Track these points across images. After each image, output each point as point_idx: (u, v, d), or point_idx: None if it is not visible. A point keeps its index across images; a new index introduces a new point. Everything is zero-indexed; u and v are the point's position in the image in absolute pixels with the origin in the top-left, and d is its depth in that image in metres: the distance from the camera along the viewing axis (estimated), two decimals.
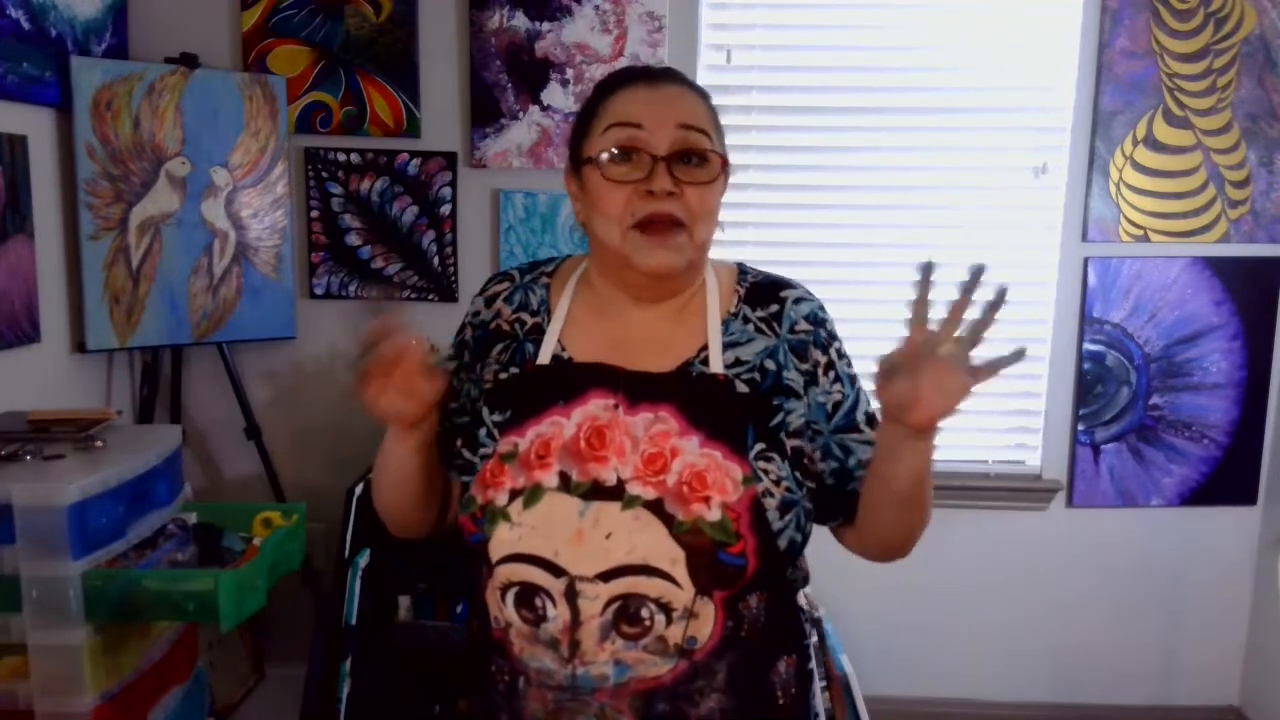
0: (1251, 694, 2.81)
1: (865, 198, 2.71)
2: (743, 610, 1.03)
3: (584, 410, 1.05)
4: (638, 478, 1.01)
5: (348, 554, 2.29)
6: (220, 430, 2.77)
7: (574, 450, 1.03)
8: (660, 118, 1.05)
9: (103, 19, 2.49)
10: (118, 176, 2.37)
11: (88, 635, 1.58)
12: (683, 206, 1.04)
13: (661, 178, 1.03)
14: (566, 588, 1.00)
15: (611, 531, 1.00)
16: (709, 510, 0.99)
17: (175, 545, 1.79)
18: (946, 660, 2.81)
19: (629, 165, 1.05)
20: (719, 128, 1.11)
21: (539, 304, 1.16)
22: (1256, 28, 2.57)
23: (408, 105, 2.65)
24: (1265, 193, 2.63)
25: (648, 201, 1.03)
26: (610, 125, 1.06)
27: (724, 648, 1.02)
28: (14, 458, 1.63)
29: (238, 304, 2.58)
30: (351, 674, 2.24)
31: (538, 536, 1.01)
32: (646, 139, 1.04)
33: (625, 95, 1.09)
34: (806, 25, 2.66)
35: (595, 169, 1.06)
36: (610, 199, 1.05)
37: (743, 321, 1.12)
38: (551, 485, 1.02)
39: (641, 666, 1.00)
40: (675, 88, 1.10)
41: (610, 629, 1.00)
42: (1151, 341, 2.70)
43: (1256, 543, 2.79)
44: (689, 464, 1.01)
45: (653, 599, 0.99)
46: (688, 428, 1.03)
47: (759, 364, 1.09)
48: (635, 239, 1.04)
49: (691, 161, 1.05)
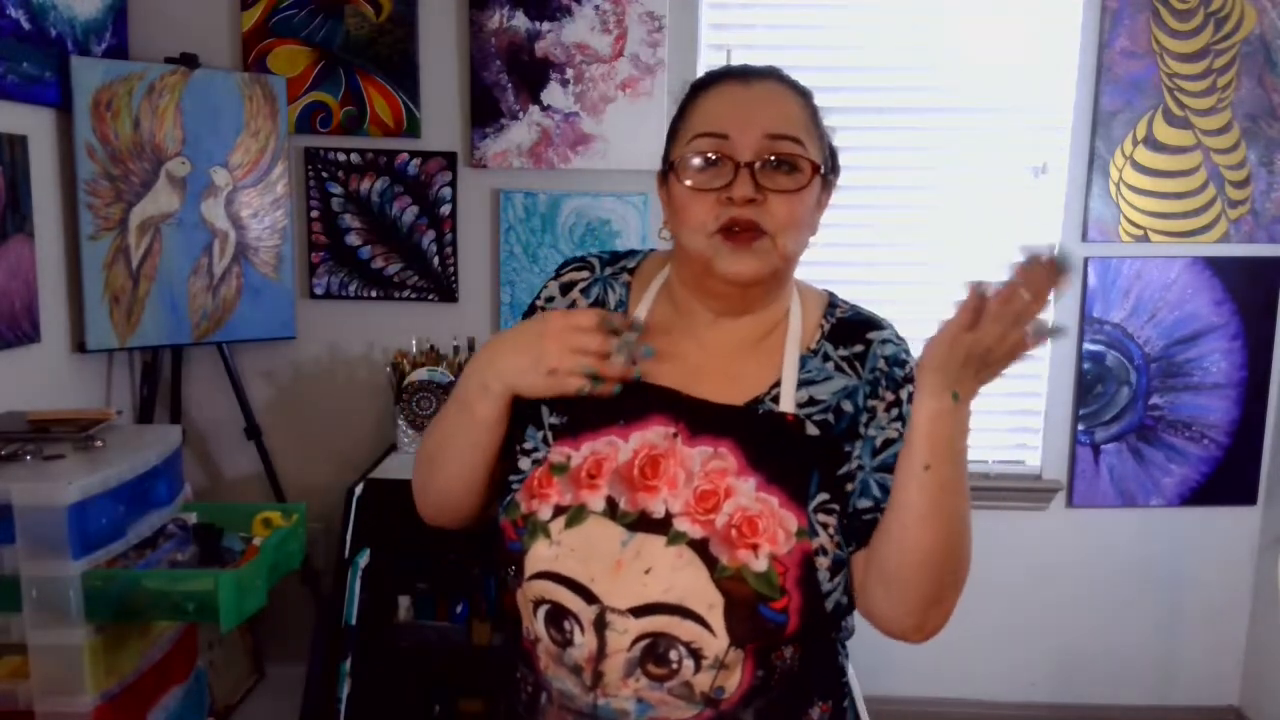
0: (1251, 694, 2.81)
1: (865, 197, 2.70)
2: (775, 660, 0.98)
3: (643, 436, 1.01)
4: (686, 514, 0.96)
5: (348, 554, 2.29)
6: (220, 430, 2.77)
7: (626, 477, 0.99)
8: (747, 124, 1.00)
9: (103, 19, 2.49)
10: (118, 176, 2.37)
11: (88, 635, 1.58)
12: (766, 214, 0.99)
13: (743, 184, 0.98)
14: (596, 617, 0.96)
15: (652, 567, 0.95)
16: (756, 560, 0.94)
17: (175, 545, 1.79)
18: (946, 660, 2.81)
19: (713, 172, 1.00)
20: (818, 131, 1.06)
21: (617, 304, 1.11)
22: (1256, 28, 2.57)
23: (408, 105, 2.65)
24: (1265, 193, 2.63)
25: (729, 208, 0.99)
26: (696, 135, 1.02)
27: (752, 696, 0.97)
28: (14, 458, 1.63)
29: (238, 304, 2.58)
30: (351, 674, 2.24)
31: (575, 559, 0.97)
32: (731, 148, 0.99)
33: (716, 95, 1.04)
34: (806, 25, 2.67)
35: (680, 177, 1.02)
36: (694, 207, 1.01)
37: (823, 359, 1.06)
38: (597, 509, 0.98)
39: (664, 708, 0.96)
40: (769, 87, 1.04)
41: (636, 666, 0.96)
42: (1151, 341, 2.70)
43: (1256, 543, 2.79)
44: (741, 506, 0.96)
45: (684, 642, 0.94)
46: (746, 468, 0.98)
47: (835, 405, 1.03)
48: (718, 245, 0.99)
49: (780, 167, 1.00)
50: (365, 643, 2.29)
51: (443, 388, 2.51)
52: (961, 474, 0.94)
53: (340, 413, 2.77)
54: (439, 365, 2.52)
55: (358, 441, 2.73)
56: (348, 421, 2.76)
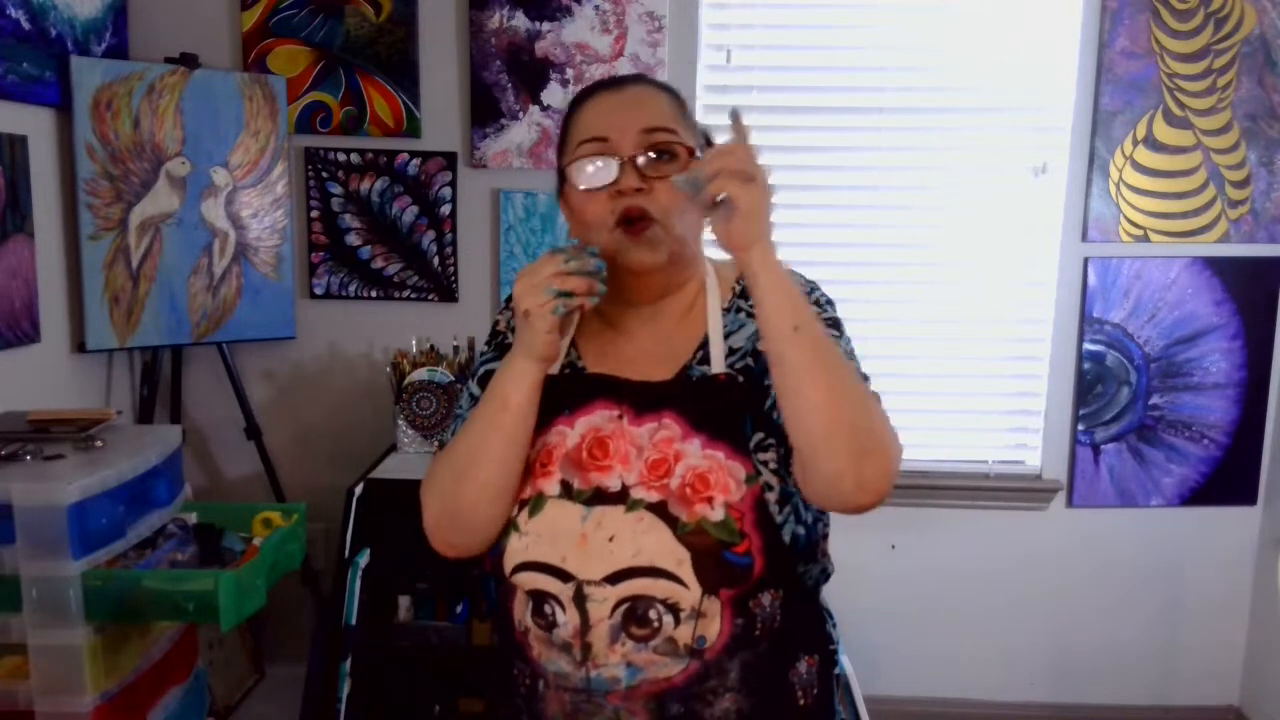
0: (1251, 694, 2.81)
1: (865, 198, 2.70)
2: (754, 609, 1.03)
3: (588, 420, 1.07)
4: (641, 483, 1.03)
5: (348, 554, 2.29)
6: (220, 430, 2.77)
7: (575, 459, 1.06)
8: (624, 125, 1.08)
9: (103, 19, 2.49)
10: (118, 176, 2.37)
11: (88, 635, 1.58)
12: (654, 201, 1.06)
13: (629, 176, 1.06)
14: (575, 592, 1.02)
15: (614, 534, 1.01)
16: (712, 510, 1.00)
17: (175, 545, 1.79)
18: (947, 660, 2.81)
19: (601, 173, 1.08)
20: (689, 122, 1.13)
21: None
22: (1256, 28, 2.57)
23: (408, 105, 2.65)
24: (1265, 193, 2.63)
25: (620, 200, 1.06)
26: (581, 142, 1.10)
27: (736, 646, 1.02)
28: (14, 458, 1.63)
29: (238, 304, 2.58)
30: (351, 674, 2.24)
31: (544, 544, 1.03)
32: (613, 148, 1.07)
33: (592, 105, 1.13)
34: (806, 25, 2.66)
35: (574, 183, 1.10)
36: (590, 206, 1.08)
37: (735, 312, 1.14)
38: (553, 493, 1.05)
39: (653, 668, 1.01)
40: (639, 89, 1.13)
41: (619, 631, 1.01)
42: (1151, 341, 2.70)
43: (1256, 543, 2.79)
44: (691, 466, 1.03)
45: (660, 600, 1.00)
46: (690, 431, 1.04)
47: (750, 348, 1.10)
48: (619, 239, 1.07)
49: (660, 157, 1.07)
50: (365, 643, 2.28)
51: (442, 388, 2.51)
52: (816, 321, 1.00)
53: (340, 413, 2.77)
54: (439, 365, 2.52)
55: (358, 441, 2.73)
56: (348, 421, 2.76)
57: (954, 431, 2.80)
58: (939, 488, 2.72)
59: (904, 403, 2.66)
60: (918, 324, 2.73)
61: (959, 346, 2.74)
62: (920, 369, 2.74)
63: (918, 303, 2.72)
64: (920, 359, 2.74)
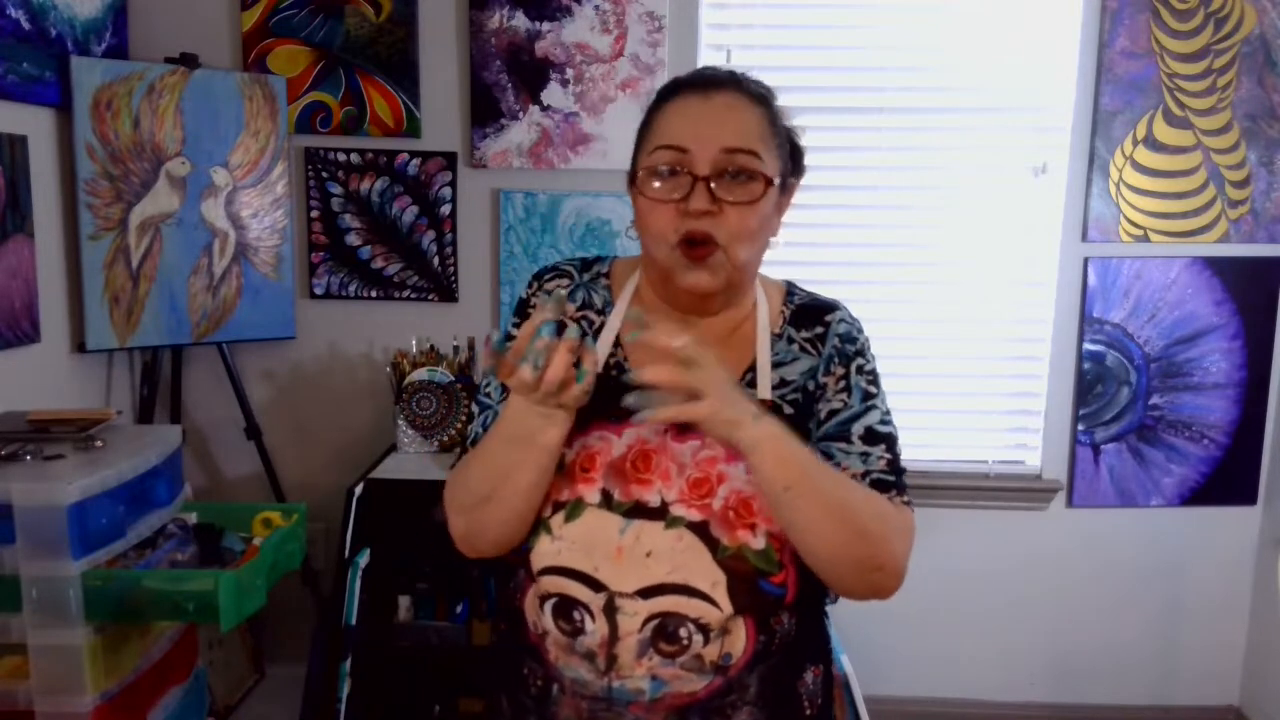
0: (1251, 694, 2.81)
1: (865, 197, 2.70)
2: (774, 625, 1.04)
3: (636, 432, 1.05)
4: (682, 500, 1.01)
5: (348, 554, 2.29)
6: (220, 430, 2.77)
7: (619, 470, 1.04)
8: (706, 139, 1.03)
9: (103, 19, 2.49)
10: (118, 176, 2.37)
11: (88, 635, 1.58)
12: (721, 225, 1.02)
13: (699, 197, 1.02)
14: (606, 603, 1.01)
15: (652, 549, 1.00)
16: (754, 538, 1.00)
17: (175, 545, 1.79)
18: (946, 660, 2.81)
19: (672, 183, 1.04)
20: (776, 140, 1.08)
21: (604, 304, 1.16)
22: (1256, 28, 2.57)
23: (408, 105, 2.65)
24: (1265, 193, 2.63)
25: (686, 219, 1.03)
26: (658, 147, 1.05)
27: (756, 661, 1.03)
28: (14, 458, 1.63)
29: (238, 304, 2.58)
30: (351, 674, 2.24)
31: (578, 551, 1.02)
32: (690, 162, 1.03)
33: (676, 107, 1.07)
34: (806, 25, 2.66)
35: (642, 189, 1.06)
36: (655, 217, 1.05)
37: (788, 342, 1.12)
38: (593, 501, 1.03)
39: (677, 682, 1.01)
40: (728, 98, 1.06)
41: (648, 646, 1.00)
42: (1151, 341, 2.70)
43: (1256, 542, 2.79)
44: (735, 490, 1.01)
45: (691, 619, 1.00)
46: (734, 453, 1.01)
47: (802, 384, 1.10)
48: (678, 259, 1.04)
49: (738, 178, 1.03)
50: (365, 643, 2.29)
51: (442, 388, 2.51)
52: (816, 473, 0.98)
53: (340, 413, 2.77)
54: (439, 365, 2.52)
55: (358, 441, 2.73)
56: (348, 422, 2.76)
57: (954, 431, 2.80)
58: (939, 488, 2.72)
59: (904, 403, 2.65)
60: (918, 324, 2.73)
61: (959, 346, 2.74)
62: (920, 369, 2.74)
63: (918, 302, 2.72)
64: (920, 359, 2.74)
